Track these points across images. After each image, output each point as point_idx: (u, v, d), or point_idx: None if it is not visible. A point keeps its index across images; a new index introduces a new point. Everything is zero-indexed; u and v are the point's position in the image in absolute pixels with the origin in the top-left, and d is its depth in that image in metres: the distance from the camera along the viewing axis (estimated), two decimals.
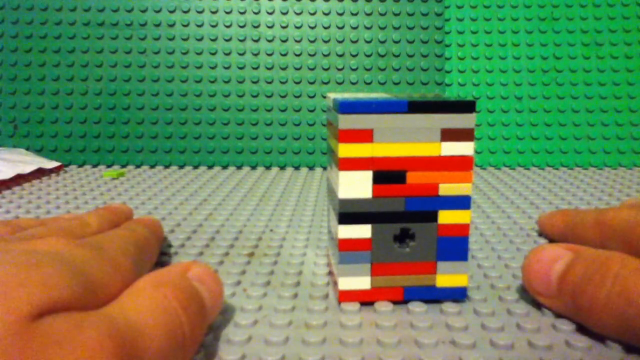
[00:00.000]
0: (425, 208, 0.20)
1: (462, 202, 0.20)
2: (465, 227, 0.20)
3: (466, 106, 0.19)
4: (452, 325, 0.19)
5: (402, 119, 0.19)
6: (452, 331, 0.19)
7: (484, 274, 0.24)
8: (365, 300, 0.21)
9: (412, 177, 0.20)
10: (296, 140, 0.50)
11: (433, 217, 0.20)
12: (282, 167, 0.50)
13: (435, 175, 0.20)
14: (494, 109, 0.51)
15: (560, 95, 0.51)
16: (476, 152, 0.50)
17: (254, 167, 0.50)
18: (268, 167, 0.50)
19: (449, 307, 0.20)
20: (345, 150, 0.19)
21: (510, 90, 0.51)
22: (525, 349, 0.18)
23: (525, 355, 0.17)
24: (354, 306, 0.20)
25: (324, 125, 0.50)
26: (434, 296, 0.21)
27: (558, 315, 0.20)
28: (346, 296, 0.21)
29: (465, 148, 0.20)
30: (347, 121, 0.19)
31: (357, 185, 0.20)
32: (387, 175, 0.20)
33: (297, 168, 0.50)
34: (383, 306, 0.20)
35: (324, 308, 0.20)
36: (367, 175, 0.20)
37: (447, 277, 0.21)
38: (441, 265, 0.20)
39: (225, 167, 0.50)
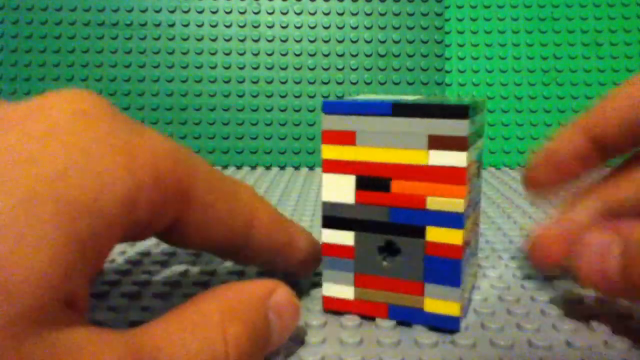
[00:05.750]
0: (410, 221, 0.18)
1: (453, 220, 0.18)
2: (457, 249, 0.18)
3: (457, 111, 0.17)
4: None
5: (386, 122, 0.18)
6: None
7: (484, 273, 0.24)
8: (349, 310, 0.20)
9: (397, 186, 0.18)
10: (296, 140, 0.50)
11: (420, 233, 0.18)
12: (282, 167, 0.50)
13: (422, 186, 0.18)
14: (494, 109, 0.51)
15: (560, 95, 0.51)
16: None
17: (253, 167, 0.50)
18: (268, 167, 0.50)
19: None
20: (329, 151, 0.19)
21: (510, 90, 0.51)
22: (525, 349, 0.18)
23: (525, 355, 0.17)
24: None
25: None
26: (421, 320, 0.19)
27: (567, 315, 0.19)
28: (330, 303, 0.20)
29: (457, 158, 0.18)
30: (330, 122, 0.19)
31: (340, 189, 0.19)
32: (370, 181, 0.19)
33: (297, 168, 0.50)
34: None
35: (323, 308, 0.20)
36: (350, 180, 0.19)
37: (435, 302, 0.18)
38: (429, 287, 0.18)
39: (225, 167, 0.50)
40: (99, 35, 0.51)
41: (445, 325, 0.19)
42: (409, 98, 0.20)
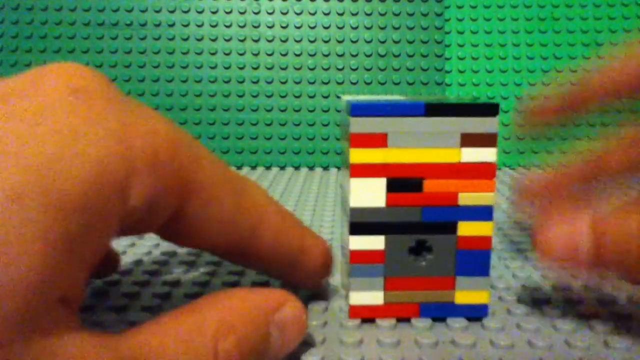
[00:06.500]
0: (443, 218, 0.19)
1: (483, 213, 0.19)
2: (486, 240, 0.19)
3: (488, 109, 0.18)
4: (452, 326, 0.19)
5: (419, 122, 0.18)
6: (452, 331, 0.19)
7: None
8: (378, 316, 0.19)
9: (429, 185, 0.18)
10: (296, 140, 0.50)
11: (452, 229, 0.19)
12: (282, 167, 0.50)
13: (454, 183, 0.18)
14: None
15: None
16: None
17: (254, 167, 0.50)
18: (268, 167, 0.50)
19: None
20: (357, 155, 0.18)
21: (510, 90, 0.51)
22: (526, 349, 0.18)
23: (525, 355, 0.17)
24: None
25: (324, 125, 0.50)
26: (452, 313, 0.19)
27: (560, 316, 0.19)
28: (357, 312, 0.19)
29: (487, 154, 0.18)
30: (359, 124, 0.18)
31: (369, 193, 0.18)
32: (402, 183, 0.18)
33: (297, 168, 0.50)
34: None
35: (323, 308, 0.20)
36: (381, 183, 0.18)
37: (466, 293, 0.19)
38: (460, 280, 0.19)
39: None
40: (99, 35, 0.51)
41: (475, 314, 0.19)
42: (401, 98, 0.21)
